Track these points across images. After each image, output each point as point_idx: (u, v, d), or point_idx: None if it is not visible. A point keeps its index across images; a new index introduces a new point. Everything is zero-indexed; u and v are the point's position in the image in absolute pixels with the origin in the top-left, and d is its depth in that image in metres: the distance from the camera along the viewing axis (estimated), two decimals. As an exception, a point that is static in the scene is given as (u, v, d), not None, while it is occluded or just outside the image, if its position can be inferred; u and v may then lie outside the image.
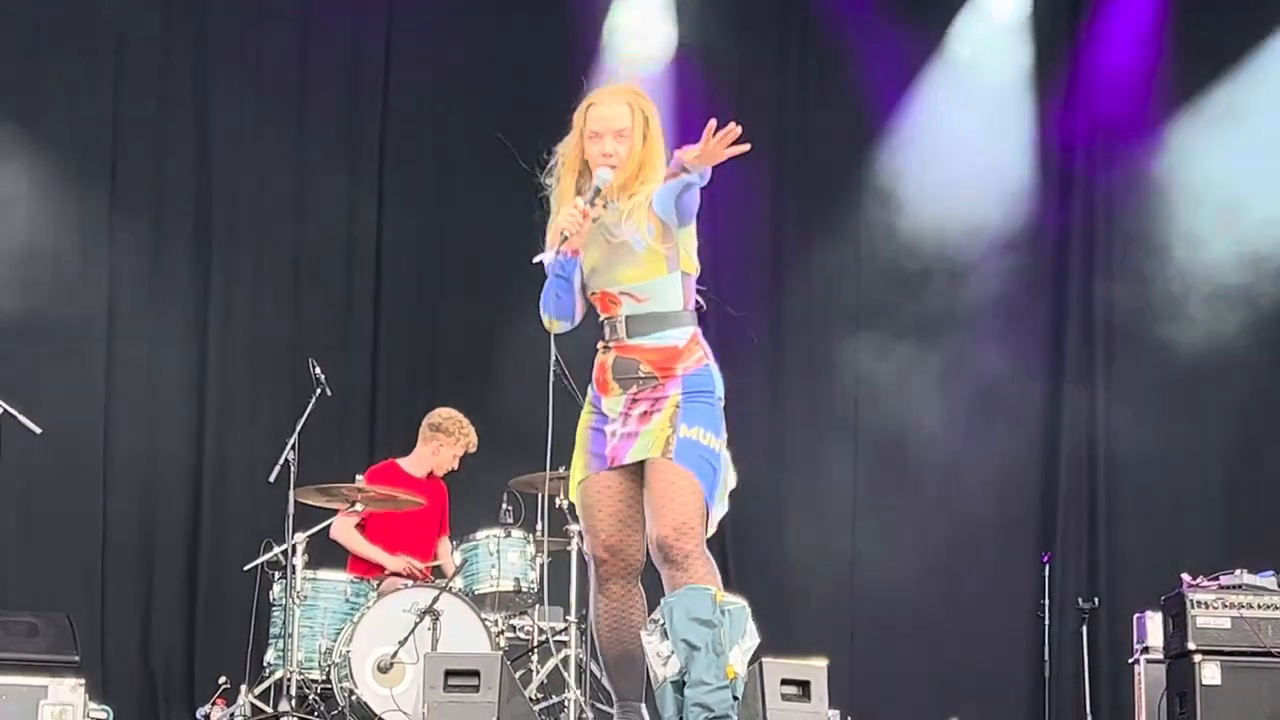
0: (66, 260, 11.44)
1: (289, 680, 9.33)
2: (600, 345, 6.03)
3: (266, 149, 11.72)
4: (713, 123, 5.60)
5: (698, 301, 6.05)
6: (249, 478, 10.70)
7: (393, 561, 10.02)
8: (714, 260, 12.20)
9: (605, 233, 5.94)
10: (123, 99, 11.53)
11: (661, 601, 5.59)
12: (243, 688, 9.61)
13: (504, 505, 9.86)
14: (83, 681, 8.54)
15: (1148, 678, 9.91)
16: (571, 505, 9.17)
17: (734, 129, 5.59)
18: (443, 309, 12.06)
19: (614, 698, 6.03)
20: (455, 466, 10.35)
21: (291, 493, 9.42)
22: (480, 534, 9.74)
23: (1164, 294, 12.20)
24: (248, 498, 11.04)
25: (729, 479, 5.83)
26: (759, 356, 12.26)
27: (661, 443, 5.80)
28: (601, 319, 6.07)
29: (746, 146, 5.68)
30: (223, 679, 9.85)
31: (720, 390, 5.98)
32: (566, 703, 9.59)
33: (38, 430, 9.26)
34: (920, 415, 12.16)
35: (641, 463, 5.81)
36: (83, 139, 11.47)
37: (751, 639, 5.66)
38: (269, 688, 9.54)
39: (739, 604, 5.68)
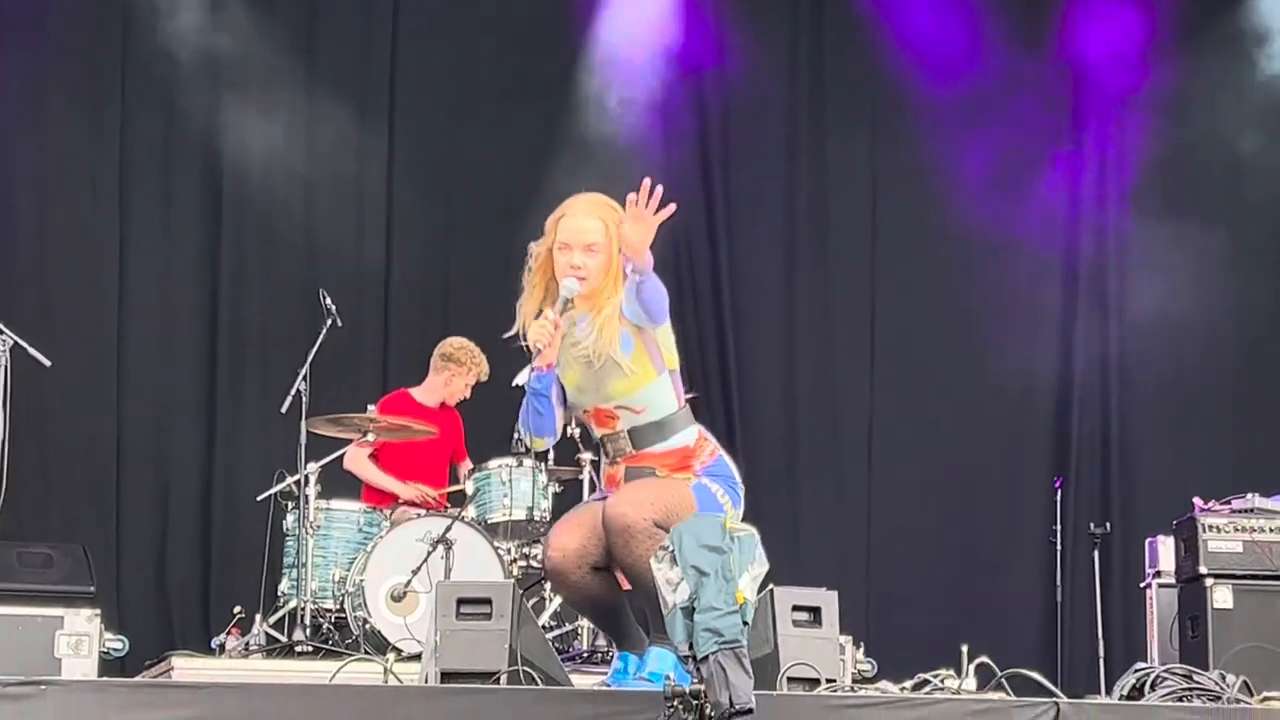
0: (78, 193, 11.41)
1: (303, 610, 9.38)
2: (604, 460, 6.16)
3: (276, 80, 11.66)
4: (646, 183, 5.73)
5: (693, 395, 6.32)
6: (262, 409, 10.68)
7: (405, 490, 10.05)
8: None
9: (583, 355, 6.00)
10: (131, 31, 11.48)
11: (671, 529, 5.60)
12: (257, 617, 9.66)
13: (516, 434, 9.83)
14: (98, 612, 8.54)
15: (1159, 602, 9.92)
16: (583, 432, 9.26)
17: (657, 192, 5.72)
18: (455, 237, 12.03)
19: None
20: (467, 395, 10.35)
21: (304, 423, 9.43)
22: (492, 463, 9.73)
23: (1177, 221, 12.19)
24: (261, 429, 11.04)
25: (759, 566, 5.75)
26: (771, 275, 12.27)
27: None
28: (599, 435, 6.19)
29: (671, 208, 5.76)
30: (238, 609, 9.88)
31: (738, 476, 6.13)
32: (579, 630, 9.65)
33: (48, 363, 9.24)
34: (934, 342, 12.15)
35: None
36: (90, 72, 11.43)
37: (761, 565, 5.67)
38: (283, 617, 9.58)
39: (748, 531, 5.71)
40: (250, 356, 11.50)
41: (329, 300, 9.74)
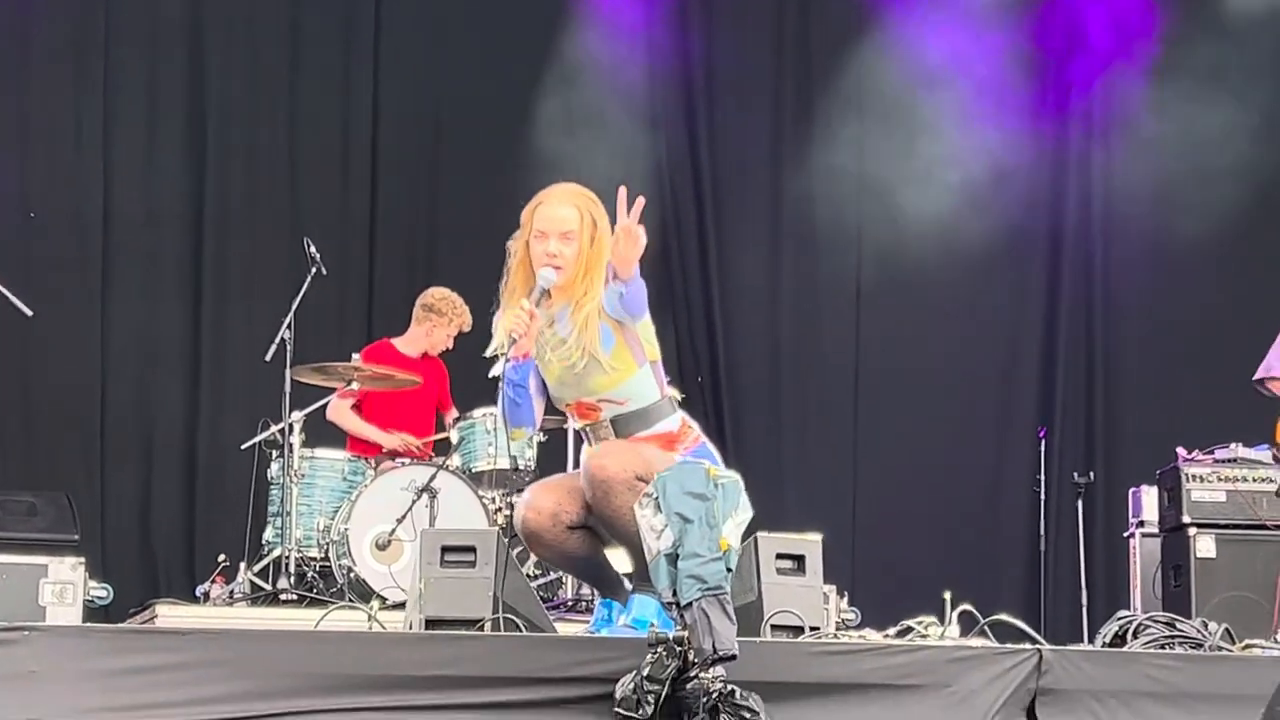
0: (61, 139, 11.37)
1: (287, 558, 9.38)
2: (586, 446, 6.16)
3: (260, 22, 11.62)
4: (623, 193, 5.74)
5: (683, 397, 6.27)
6: (246, 357, 10.64)
7: (389, 439, 10.04)
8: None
9: (565, 356, 6.00)
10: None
11: (656, 476, 5.60)
12: (241, 565, 9.68)
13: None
14: (83, 560, 8.55)
15: (1143, 551, 9.97)
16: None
17: (639, 202, 5.74)
18: (440, 187, 12.00)
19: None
20: (449, 346, 10.33)
21: (288, 371, 9.42)
22: (477, 412, 9.71)
23: (1164, 169, 12.18)
24: (245, 377, 11.02)
25: (742, 512, 5.76)
26: (756, 229, 12.26)
27: None
28: (581, 426, 6.21)
29: (641, 201, 5.78)
30: (222, 557, 9.90)
31: (721, 463, 6.08)
32: (563, 580, 9.65)
33: (29, 312, 9.20)
34: (921, 289, 12.14)
35: None
36: (73, 16, 11.38)
37: (745, 512, 5.69)
38: (267, 565, 9.59)
39: (732, 478, 5.72)
40: (235, 304, 11.47)
41: (313, 249, 9.71)
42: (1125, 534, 10.27)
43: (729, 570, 5.42)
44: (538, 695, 5.48)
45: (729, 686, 5.37)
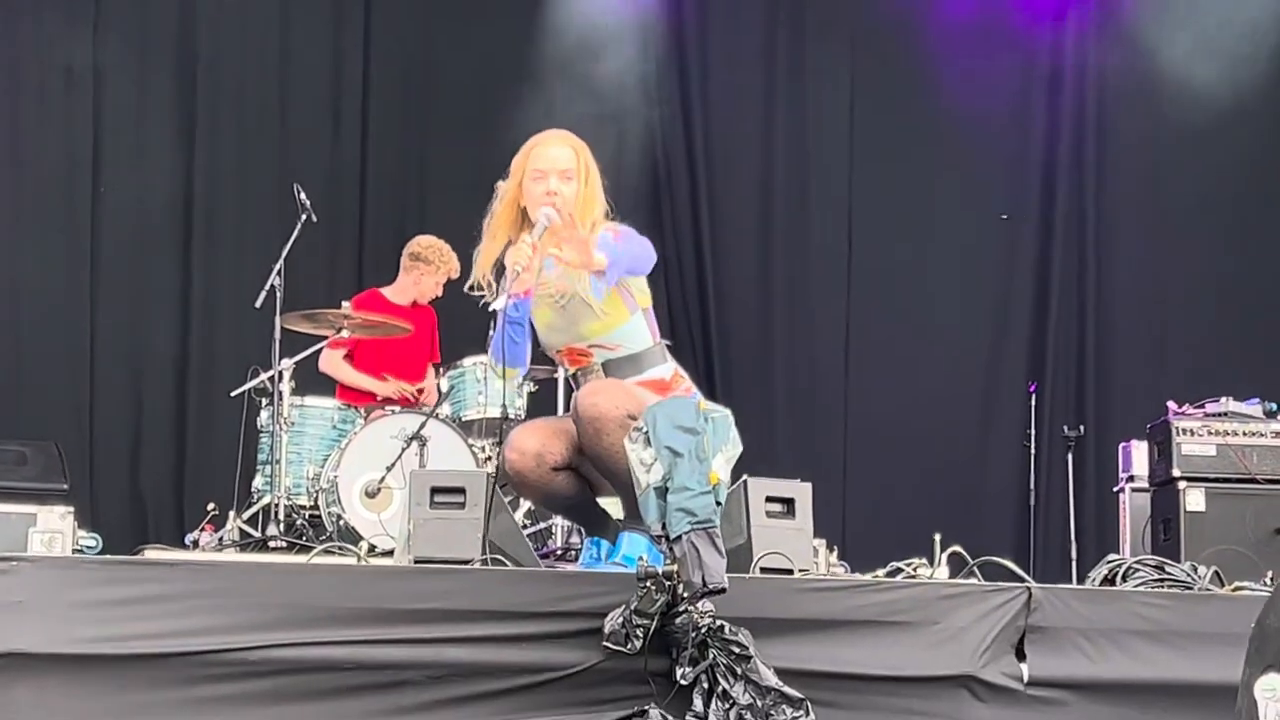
0: (50, 83, 11.32)
1: (277, 506, 9.32)
2: (577, 391, 6.12)
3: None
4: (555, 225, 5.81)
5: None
6: (236, 304, 10.56)
7: (384, 387, 10.03)
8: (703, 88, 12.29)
9: (550, 294, 6.03)
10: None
11: (645, 409, 5.60)
12: (231, 513, 9.62)
13: (491, 332, 9.78)
14: (71, 509, 8.44)
15: (1132, 505, 9.95)
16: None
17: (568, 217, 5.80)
18: (430, 138, 11.99)
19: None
20: (439, 294, 10.31)
21: (278, 318, 9.36)
22: (467, 360, 9.68)
23: (1154, 126, 12.18)
24: (235, 325, 11.01)
25: (733, 447, 5.76)
26: (748, 184, 12.23)
27: None
28: (571, 372, 6.26)
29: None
30: (211, 505, 9.85)
31: None
32: (553, 529, 9.63)
33: None
34: (913, 245, 12.13)
35: None
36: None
37: (735, 447, 5.69)
38: (257, 513, 9.53)
39: (722, 412, 5.72)
40: (225, 251, 11.44)
41: (303, 195, 9.65)
42: (1115, 488, 10.26)
43: (719, 504, 5.42)
44: (526, 629, 5.47)
45: (718, 621, 5.37)
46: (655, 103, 12.09)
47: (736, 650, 5.36)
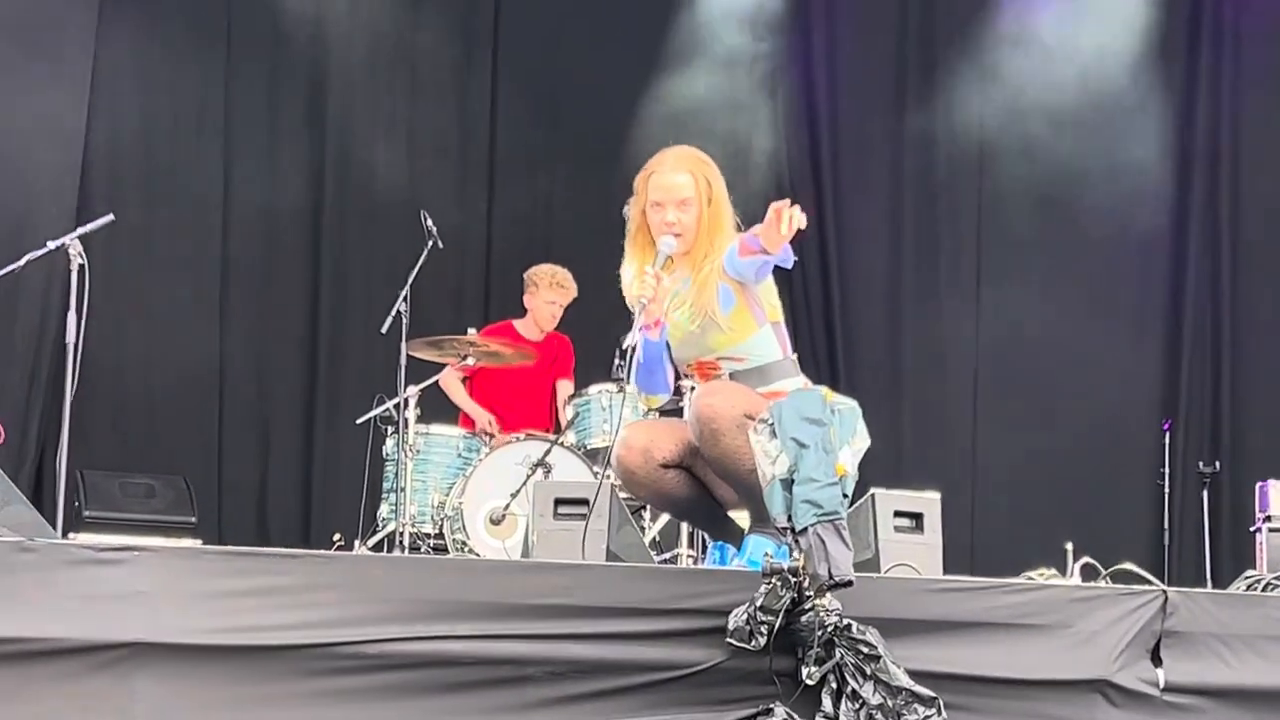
0: (183, 124, 11.41)
1: (402, 534, 9.33)
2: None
3: (379, 7, 11.67)
4: (775, 207, 5.65)
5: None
6: (364, 332, 10.60)
7: (479, 416, 10.04)
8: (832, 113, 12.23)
9: (684, 315, 6.01)
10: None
11: (771, 404, 5.52)
12: (356, 542, 9.65)
13: (617, 361, 9.78)
14: (199, 542, 8.53)
15: (1269, 545, 9.70)
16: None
17: (799, 218, 5.62)
18: (558, 166, 12.04)
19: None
20: (556, 317, 10.31)
21: (404, 344, 9.37)
22: (593, 389, 9.66)
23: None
24: (362, 353, 11.03)
25: (860, 440, 5.67)
26: (876, 188, 12.14)
27: None
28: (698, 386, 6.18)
29: (803, 221, 5.68)
30: (337, 536, 9.90)
31: None
32: (679, 558, 9.54)
33: (112, 217, 8.88)
34: (1044, 280, 11.98)
35: None
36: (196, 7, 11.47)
37: (862, 440, 5.59)
38: (382, 541, 9.57)
39: (850, 404, 5.62)
40: (352, 278, 11.46)
41: (429, 221, 9.67)
42: (1252, 528, 10.03)
43: (845, 496, 5.32)
44: (649, 627, 5.38)
45: (845, 620, 5.26)
46: (780, 107, 12.05)
47: (865, 650, 5.24)
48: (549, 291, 10.24)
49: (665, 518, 9.24)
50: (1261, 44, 12.20)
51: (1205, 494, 10.97)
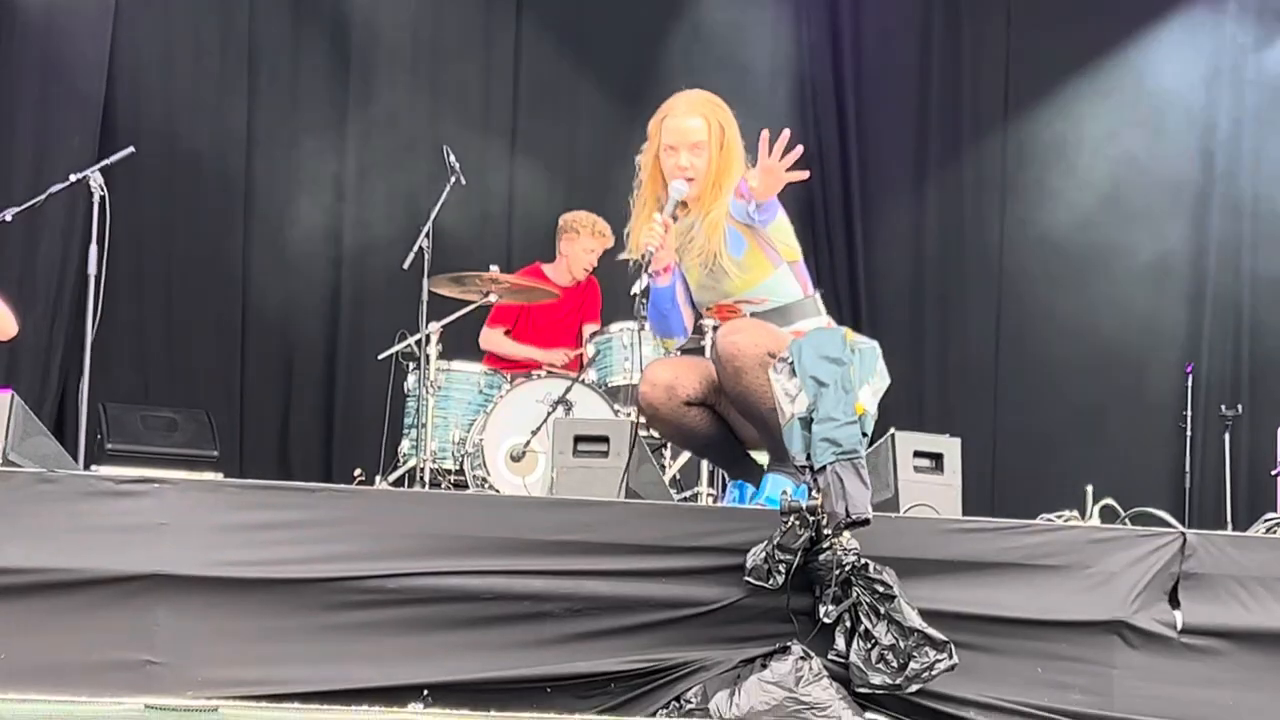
0: (206, 57, 11.38)
1: (423, 470, 9.33)
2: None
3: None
4: (765, 136, 5.61)
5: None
6: (387, 266, 10.57)
7: (547, 355, 10.04)
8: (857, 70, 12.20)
9: (699, 256, 6.01)
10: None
11: (791, 341, 5.52)
12: (377, 478, 9.67)
13: (638, 299, 9.73)
14: (221, 475, 8.55)
15: (1292, 489, 9.74)
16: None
17: (796, 150, 5.61)
18: (580, 108, 11.99)
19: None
20: (593, 264, 10.28)
21: (426, 281, 9.35)
22: (614, 326, 9.61)
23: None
24: (384, 288, 11.03)
25: (880, 379, 5.66)
26: (901, 152, 12.11)
27: None
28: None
29: (805, 174, 5.70)
30: (358, 471, 9.92)
31: None
32: (698, 496, 9.55)
33: (132, 149, 8.88)
34: (1068, 224, 11.95)
35: None
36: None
37: (882, 379, 5.59)
38: (402, 477, 9.55)
39: (870, 344, 5.62)
40: (375, 214, 11.44)
41: (453, 157, 9.63)
42: (1273, 471, 10.05)
43: (865, 435, 5.32)
44: (667, 564, 5.41)
45: (862, 560, 5.27)
46: (807, 65, 12.03)
47: (880, 590, 5.26)
48: (590, 239, 10.19)
49: (685, 455, 9.22)
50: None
51: (1227, 437, 10.96)
